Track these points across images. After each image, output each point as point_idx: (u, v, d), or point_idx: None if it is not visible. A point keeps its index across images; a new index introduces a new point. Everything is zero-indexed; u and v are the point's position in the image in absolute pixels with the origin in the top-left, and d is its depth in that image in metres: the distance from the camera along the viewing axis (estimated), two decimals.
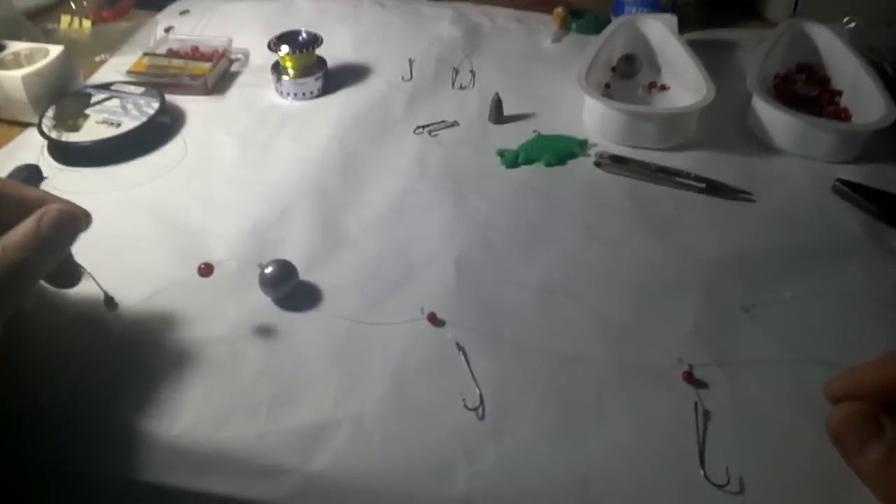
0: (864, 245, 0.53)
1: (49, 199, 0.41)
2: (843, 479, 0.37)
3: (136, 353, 0.45)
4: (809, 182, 0.59)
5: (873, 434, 0.33)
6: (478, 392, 0.42)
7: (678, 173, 0.59)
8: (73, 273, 0.44)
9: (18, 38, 0.71)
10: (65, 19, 0.87)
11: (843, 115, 0.65)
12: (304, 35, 0.71)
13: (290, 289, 0.48)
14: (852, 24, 0.74)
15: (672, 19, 0.75)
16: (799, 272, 0.50)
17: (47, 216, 0.39)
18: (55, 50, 0.68)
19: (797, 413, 0.41)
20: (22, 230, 0.38)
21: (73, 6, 0.89)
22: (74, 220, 0.41)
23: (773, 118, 0.62)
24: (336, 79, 0.74)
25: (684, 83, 0.68)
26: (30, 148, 0.64)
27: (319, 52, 0.72)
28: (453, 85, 0.73)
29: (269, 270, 0.48)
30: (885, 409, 0.34)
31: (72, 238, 0.41)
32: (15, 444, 0.40)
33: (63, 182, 0.60)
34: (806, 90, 0.69)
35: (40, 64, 0.67)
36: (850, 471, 0.37)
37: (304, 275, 0.49)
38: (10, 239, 0.38)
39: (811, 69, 0.73)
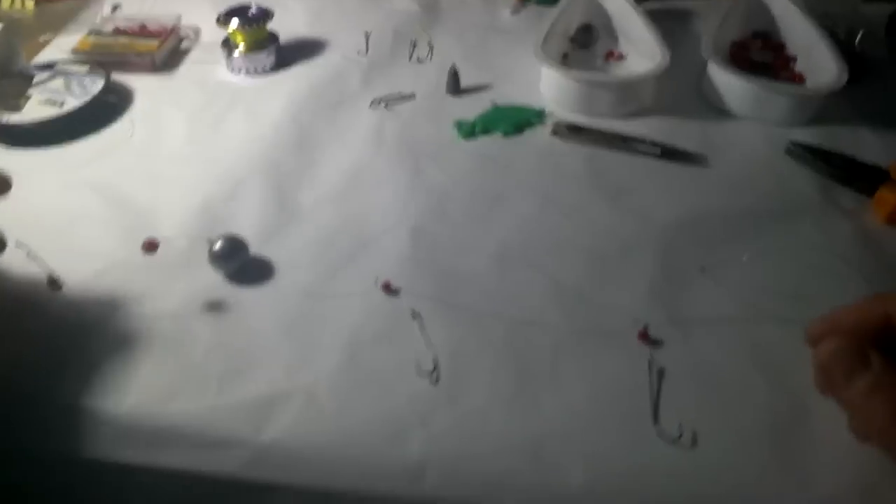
0: (817, 204, 0.53)
1: None
2: (794, 431, 0.38)
3: (82, 333, 0.43)
4: (764, 145, 0.59)
5: (860, 366, 0.34)
6: (432, 356, 0.41)
7: (634, 139, 0.59)
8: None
9: None
10: (6, 0, 0.84)
11: (798, 80, 0.66)
12: (254, 10, 0.70)
13: (240, 264, 0.47)
14: None
15: None
16: (755, 232, 0.50)
17: None
18: None
19: (750, 368, 0.41)
20: None
21: None
22: None
23: (728, 83, 0.62)
24: (289, 54, 0.72)
25: (641, 52, 0.68)
26: None
27: (272, 27, 0.71)
28: (410, 58, 0.72)
29: (218, 246, 0.46)
30: None
31: None
32: None
33: (5, 163, 0.58)
34: (761, 57, 0.69)
35: None
36: (800, 423, 0.38)
37: (256, 249, 0.48)
38: None
39: (767, 36, 0.73)
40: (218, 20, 0.68)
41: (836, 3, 0.75)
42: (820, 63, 0.64)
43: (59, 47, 0.74)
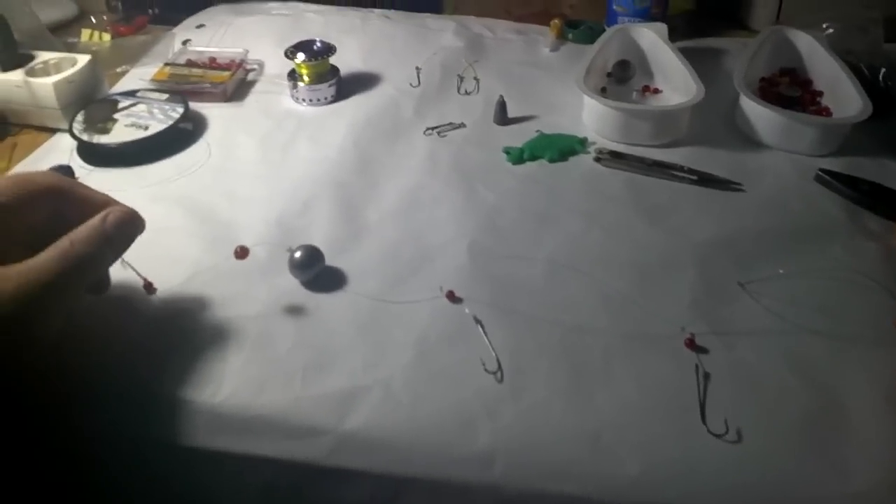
0: (845, 227, 0.57)
1: (112, 201, 0.45)
2: (830, 429, 0.41)
3: (176, 333, 0.48)
4: (794, 173, 0.63)
5: None
6: (495, 357, 0.45)
7: (672, 167, 0.63)
8: (106, 280, 0.48)
9: (43, 50, 0.75)
10: (85, 33, 0.91)
11: (825, 113, 0.70)
12: (318, 44, 0.76)
13: (317, 271, 0.52)
14: (830, 30, 0.79)
15: (663, 27, 0.80)
16: (788, 252, 0.54)
17: (112, 215, 0.42)
18: (83, 59, 0.73)
19: (788, 375, 0.45)
20: (88, 227, 0.41)
21: (94, 21, 0.93)
22: (135, 221, 0.44)
23: (760, 115, 0.67)
24: (348, 86, 0.78)
25: (676, 86, 0.73)
26: (60, 151, 0.68)
27: (331, 61, 0.76)
28: (459, 90, 0.78)
29: (298, 254, 0.51)
30: None
31: (131, 238, 0.45)
32: (71, 419, 0.43)
33: (94, 182, 0.62)
34: (789, 91, 0.74)
35: (70, 71, 0.71)
36: (835, 422, 0.41)
37: (328, 260, 0.53)
38: (78, 235, 0.41)
39: (794, 72, 0.78)
40: (286, 54, 0.74)
41: (859, 41, 0.79)
42: (845, 98, 0.68)
43: (136, 77, 0.80)
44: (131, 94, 0.72)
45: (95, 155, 0.66)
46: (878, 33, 0.81)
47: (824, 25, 0.80)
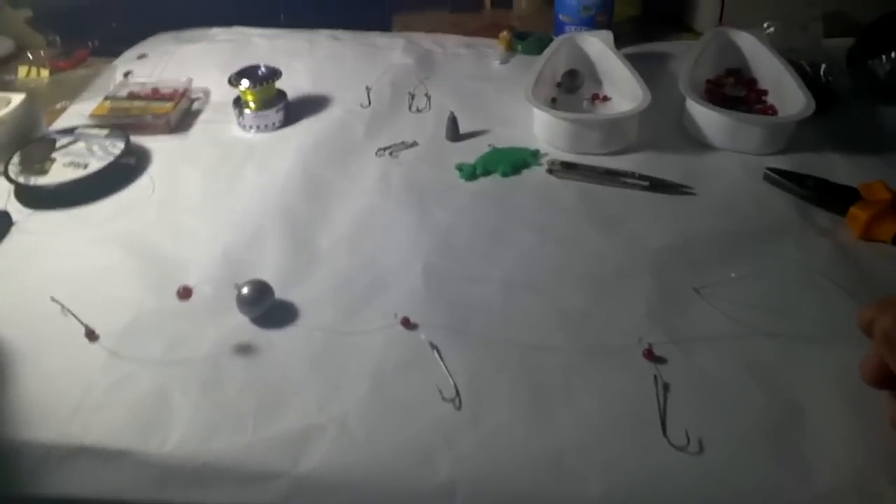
0: (796, 224, 0.57)
1: None
2: (791, 431, 0.41)
3: (121, 379, 0.46)
4: (743, 173, 0.64)
5: None
6: (453, 384, 0.44)
7: (624, 174, 0.63)
8: None
9: None
10: (22, 70, 0.88)
11: (770, 112, 0.71)
12: (263, 69, 0.74)
13: (267, 307, 0.50)
14: (771, 29, 0.81)
15: (608, 35, 0.80)
16: (741, 253, 0.54)
17: None
18: (17, 98, 0.70)
19: (747, 379, 0.44)
20: None
21: (31, 57, 0.90)
22: None
23: (706, 118, 0.67)
24: (296, 110, 0.77)
25: (624, 93, 0.73)
26: None
27: (278, 85, 0.75)
28: (410, 108, 0.77)
29: (245, 290, 0.50)
30: None
31: None
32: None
33: (33, 224, 0.61)
34: (735, 91, 0.75)
35: (2, 112, 0.68)
36: (796, 424, 0.41)
37: (278, 293, 0.51)
38: None
39: (738, 73, 0.78)
40: (230, 81, 0.73)
41: (799, 38, 0.81)
42: (789, 95, 0.69)
43: (76, 113, 0.78)
44: (70, 131, 0.70)
45: (33, 197, 0.64)
46: (817, 30, 0.82)
47: (765, 25, 0.81)
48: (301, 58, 0.88)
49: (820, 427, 0.41)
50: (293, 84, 0.79)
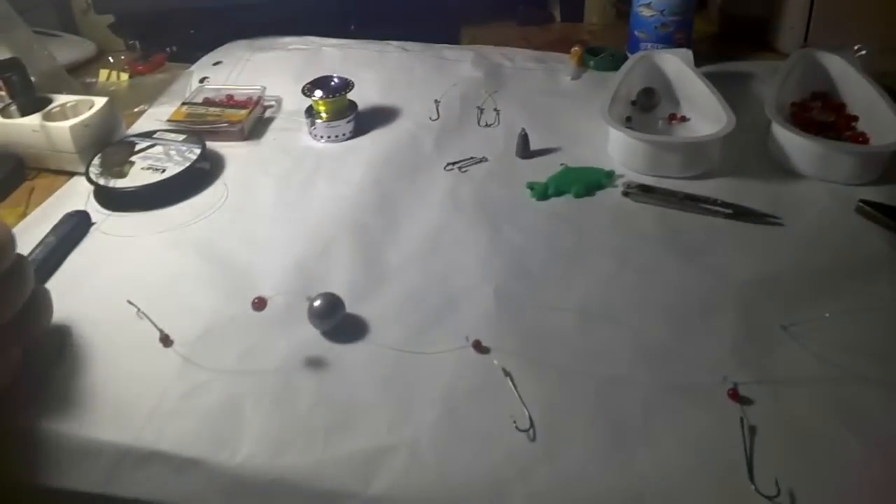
0: (891, 261, 0.54)
1: None
2: (891, 485, 0.38)
3: (193, 389, 0.46)
4: (833, 204, 0.60)
5: None
6: (527, 414, 0.43)
7: (705, 200, 0.61)
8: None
9: (60, 92, 0.75)
10: (103, 73, 0.91)
11: (861, 139, 0.67)
12: (335, 80, 0.75)
13: (338, 321, 0.50)
14: (863, 52, 0.77)
15: (687, 53, 0.78)
16: (832, 291, 0.51)
17: None
18: (99, 101, 0.72)
19: (840, 426, 0.42)
20: None
21: (111, 60, 0.93)
22: None
23: (794, 144, 0.64)
24: (366, 121, 0.77)
25: (704, 114, 0.71)
26: (77, 195, 0.67)
27: (349, 96, 0.75)
28: (479, 123, 0.76)
29: (317, 303, 0.49)
30: None
31: None
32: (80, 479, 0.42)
33: (111, 226, 0.63)
34: (823, 116, 0.71)
35: (86, 115, 0.70)
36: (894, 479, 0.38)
37: (349, 307, 0.51)
38: None
39: (826, 97, 0.75)
40: (303, 91, 0.73)
41: (893, 61, 0.77)
42: (883, 122, 0.65)
43: (153, 117, 0.80)
44: (148, 135, 0.72)
45: (112, 199, 0.65)
46: None
47: (856, 47, 0.77)
48: (371, 69, 0.88)
49: None
50: (363, 95, 0.79)
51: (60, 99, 0.73)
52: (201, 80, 0.86)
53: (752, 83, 0.81)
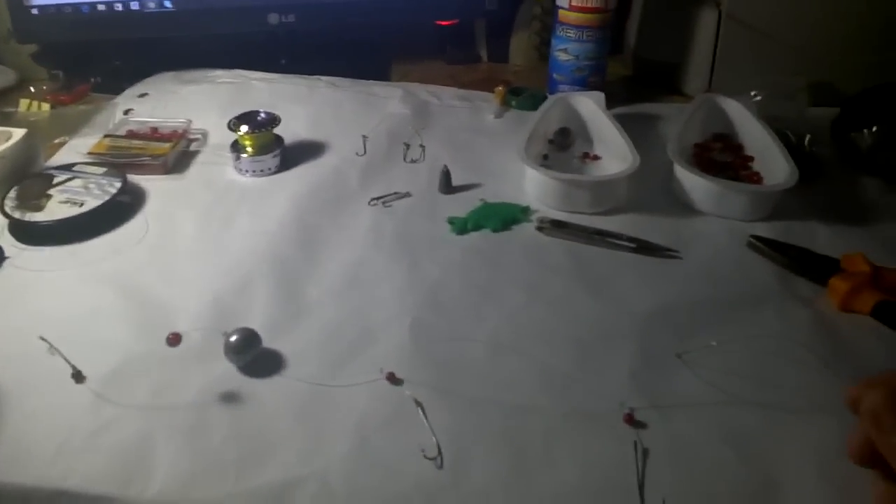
0: (777, 294, 0.58)
1: None
2: (764, 500, 0.41)
3: (106, 423, 0.46)
4: (727, 239, 0.65)
5: None
6: (435, 442, 0.45)
7: (612, 235, 0.65)
8: None
9: None
10: (24, 103, 0.90)
11: (756, 179, 0.73)
12: (262, 115, 0.76)
13: (254, 355, 0.50)
14: (758, 98, 0.83)
15: (600, 96, 0.83)
16: (722, 320, 0.55)
17: None
18: (18, 133, 0.71)
19: (724, 448, 0.45)
20: None
21: (33, 90, 0.92)
22: None
23: (694, 183, 0.69)
24: (292, 155, 0.78)
25: (614, 153, 0.75)
26: None
27: (275, 131, 0.77)
28: (405, 159, 0.79)
29: (233, 338, 0.50)
30: None
31: None
32: None
33: (25, 260, 0.62)
34: (722, 157, 0.77)
35: (2, 147, 0.69)
36: (771, 499, 0.42)
37: (266, 342, 0.52)
38: None
39: (726, 138, 0.81)
40: (229, 126, 0.74)
41: (785, 108, 0.83)
42: (774, 163, 0.71)
43: (75, 149, 0.79)
44: (68, 167, 0.71)
45: (28, 233, 0.64)
46: (802, 100, 0.85)
47: (753, 93, 0.84)
48: (299, 103, 0.90)
49: (796, 502, 0.42)
50: (290, 129, 0.81)
51: None
52: (125, 112, 0.86)
53: (659, 123, 0.87)
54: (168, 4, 0.93)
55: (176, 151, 0.77)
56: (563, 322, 0.55)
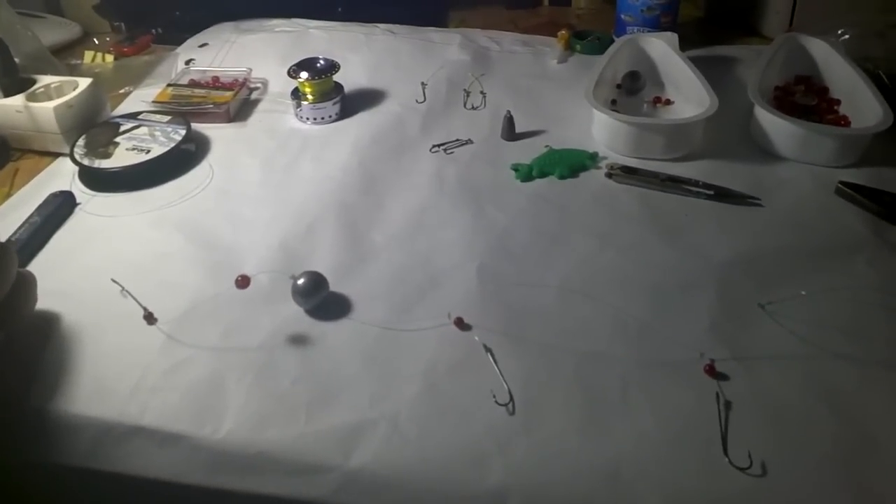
0: (869, 242, 0.55)
1: None
2: (862, 460, 0.39)
3: (177, 366, 0.46)
4: (813, 186, 0.61)
5: None
6: (507, 389, 0.43)
7: (687, 181, 0.61)
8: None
9: (44, 73, 0.75)
10: (88, 55, 0.90)
11: (843, 122, 0.68)
12: (321, 62, 0.75)
13: (321, 299, 0.50)
14: (846, 36, 0.77)
15: (673, 37, 0.78)
16: (809, 270, 0.52)
17: None
18: (84, 82, 0.72)
19: (814, 400, 0.43)
20: None
21: (96, 42, 0.93)
22: None
23: (776, 127, 0.65)
24: (352, 103, 0.77)
25: (688, 97, 0.71)
26: (61, 176, 0.67)
27: (335, 78, 0.75)
28: (465, 105, 0.76)
29: (301, 281, 0.50)
30: None
31: None
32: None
33: (95, 206, 0.63)
34: (805, 100, 0.72)
35: (70, 96, 0.70)
36: (867, 453, 0.39)
37: (333, 286, 0.51)
38: None
39: (809, 80, 0.75)
40: (289, 73, 0.73)
41: (877, 47, 0.77)
42: (865, 106, 0.66)
43: (138, 98, 0.80)
44: (133, 116, 0.71)
45: (97, 180, 0.65)
46: (894, 37, 0.78)
47: (839, 31, 0.78)
48: (357, 51, 0.88)
49: (892, 459, 0.39)
50: (349, 77, 0.79)
51: (44, 80, 0.73)
52: (187, 62, 0.86)
53: (736, 67, 0.82)
54: None
55: (237, 100, 0.76)
56: (638, 269, 0.53)
